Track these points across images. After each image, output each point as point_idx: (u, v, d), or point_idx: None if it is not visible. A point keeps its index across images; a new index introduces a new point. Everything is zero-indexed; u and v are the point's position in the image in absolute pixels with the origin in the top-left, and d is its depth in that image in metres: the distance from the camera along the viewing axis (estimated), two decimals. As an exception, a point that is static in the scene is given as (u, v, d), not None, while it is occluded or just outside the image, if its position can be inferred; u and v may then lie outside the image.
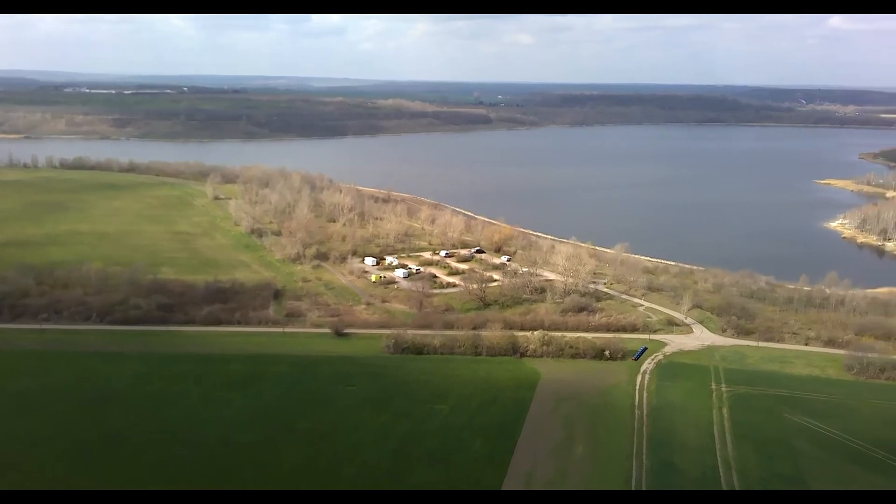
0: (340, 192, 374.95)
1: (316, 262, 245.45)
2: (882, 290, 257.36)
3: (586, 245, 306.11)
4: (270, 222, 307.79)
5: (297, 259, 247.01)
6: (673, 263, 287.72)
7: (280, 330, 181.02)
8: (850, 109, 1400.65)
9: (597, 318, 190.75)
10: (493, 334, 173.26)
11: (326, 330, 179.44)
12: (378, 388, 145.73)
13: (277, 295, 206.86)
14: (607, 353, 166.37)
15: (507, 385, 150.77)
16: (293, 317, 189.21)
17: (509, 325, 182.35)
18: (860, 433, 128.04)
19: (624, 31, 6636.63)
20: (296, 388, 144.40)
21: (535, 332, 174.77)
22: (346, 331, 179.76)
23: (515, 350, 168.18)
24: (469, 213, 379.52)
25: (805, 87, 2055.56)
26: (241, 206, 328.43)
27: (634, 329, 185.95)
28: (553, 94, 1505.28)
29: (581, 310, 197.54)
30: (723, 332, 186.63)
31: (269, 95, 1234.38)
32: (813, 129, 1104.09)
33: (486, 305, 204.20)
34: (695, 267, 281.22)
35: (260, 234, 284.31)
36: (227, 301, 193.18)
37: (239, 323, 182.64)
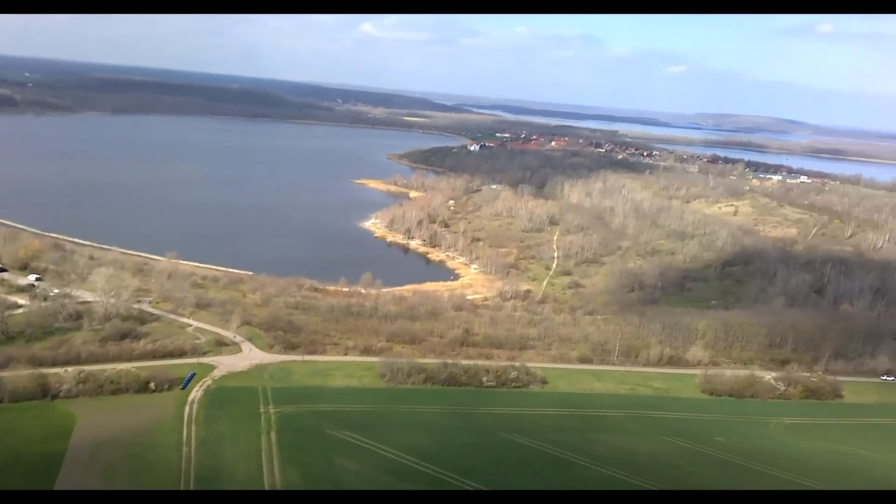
0: None
1: None
2: (407, 288, 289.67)
3: (132, 253, 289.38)
4: None
5: None
6: (223, 270, 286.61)
7: None
8: (380, 111, 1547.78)
9: (142, 345, 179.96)
10: (17, 375, 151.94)
11: None
12: None
13: None
14: (152, 384, 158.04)
15: (34, 437, 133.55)
16: None
17: (38, 362, 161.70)
18: (393, 441, 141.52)
19: (166, 15, 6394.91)
20: None
21: (70, 369, 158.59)
22: None
23: (46, 392, 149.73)
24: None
25: (343, 86, 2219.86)
26: None
27: (182, 353, 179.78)
28: (91, 77, 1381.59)
29: (124, 336, 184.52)
30: (270, 348, 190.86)
31: None
32: (349, 128, 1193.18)
33: (10, 339, 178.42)
34: (245, 272, 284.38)
35: None
36: None
37: None
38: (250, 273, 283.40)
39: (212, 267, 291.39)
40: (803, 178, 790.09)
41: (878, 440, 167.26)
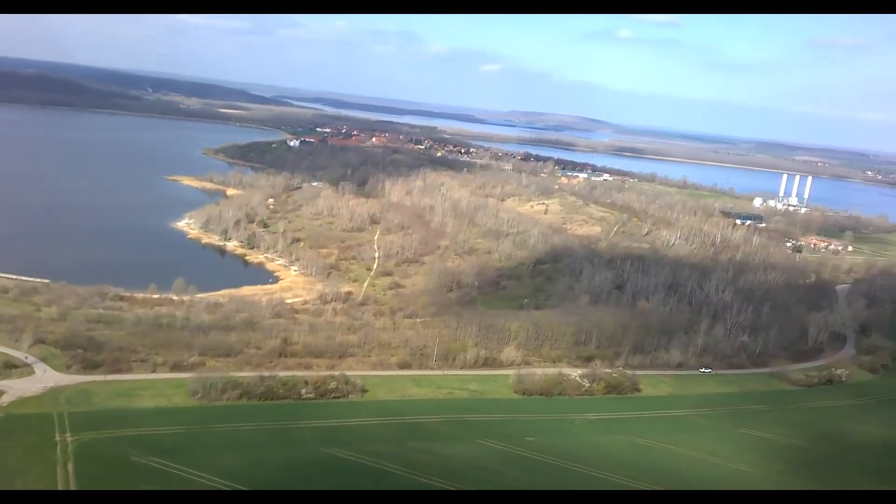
0: None
1: None
2: (223, 293, 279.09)
3: None
4: None
5: None
6: (14, 279, 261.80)
7: None
8: (194, 102, 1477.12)
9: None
10: None
11: None
12: None
13: None
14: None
15: None
16: None
17: None
18: (205, 465, 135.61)
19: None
20: None
21: None
22: None
23: None
24: None
25: (153, 74, 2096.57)
26: None
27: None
28: None
29: None
30: (68, 368, 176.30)
31: None
32: (160, 119, 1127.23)
33: None
34: (40, 281, 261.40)
35: None
36: None
37: None
38: (46, 282, 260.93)
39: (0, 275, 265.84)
40: (606, 176, 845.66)
41: (672, 431, 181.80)
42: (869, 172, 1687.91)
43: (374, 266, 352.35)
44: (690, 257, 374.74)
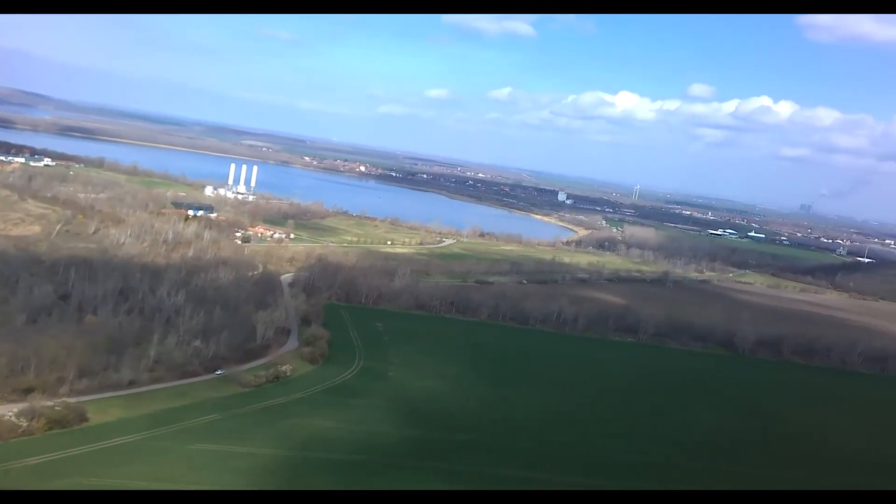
0: None
1: None
2: None
3: None
4: None
5: None
6: None
7: None
8: None
9: None
10: None
11: None
12: None
13: None
14: None
15: None
16: None
17: None
18: None
19: None
20: None
21: None
22: None
23: None
24: None
25: None
26: None
27: None
28: None
29: None
30: None
31: None
32: None
33: None
34: None
35: None
36: None
37: None
38: None
39: None
40: (48, 161, 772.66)
41: (124, 462, 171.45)
42: (307, 158, 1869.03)
43: None
44: (142, 258, 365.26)
